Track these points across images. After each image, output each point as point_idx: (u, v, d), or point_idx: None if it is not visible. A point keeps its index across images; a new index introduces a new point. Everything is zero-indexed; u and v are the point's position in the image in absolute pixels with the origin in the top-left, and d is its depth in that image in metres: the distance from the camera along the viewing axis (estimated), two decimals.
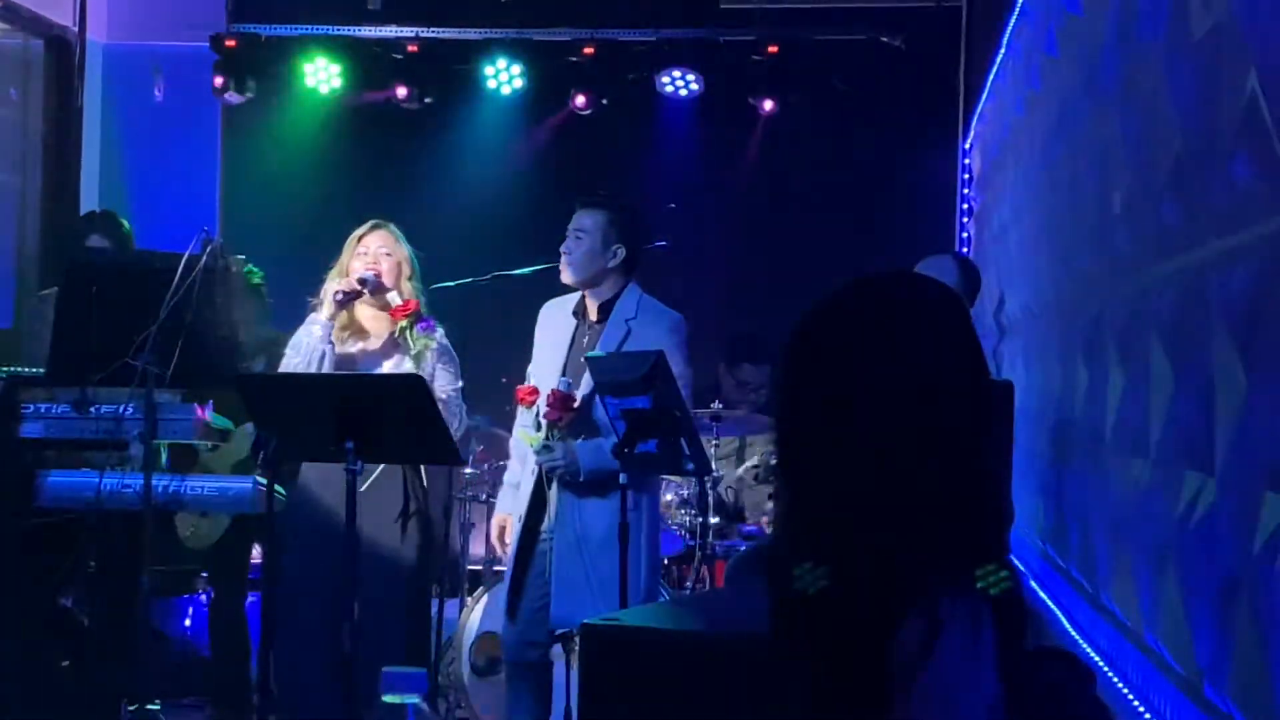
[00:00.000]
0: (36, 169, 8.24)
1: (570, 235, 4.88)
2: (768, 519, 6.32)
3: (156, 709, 4.75)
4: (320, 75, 8.31)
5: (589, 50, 8.12)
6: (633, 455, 4.38)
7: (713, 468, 5.90)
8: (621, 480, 4.48)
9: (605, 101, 8.16)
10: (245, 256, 5.54)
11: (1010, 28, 5.89)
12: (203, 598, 6.29)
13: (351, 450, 4.19)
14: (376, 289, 4.86)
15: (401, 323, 4.86)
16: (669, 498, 6.17)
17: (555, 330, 4.97)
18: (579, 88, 8.12)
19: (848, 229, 7.91)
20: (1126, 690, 3.17)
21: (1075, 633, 3.89)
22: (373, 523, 4.69)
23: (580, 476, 4.73)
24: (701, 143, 8.30)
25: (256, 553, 5.95)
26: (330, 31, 8.33)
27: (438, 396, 4.61)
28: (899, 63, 7.99)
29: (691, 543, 6.07)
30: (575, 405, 4.76)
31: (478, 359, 5.32)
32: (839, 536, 1.62)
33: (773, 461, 6.44)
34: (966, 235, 7.90)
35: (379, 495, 4.78)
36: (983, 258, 6.95)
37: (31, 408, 4.92)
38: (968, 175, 7.99)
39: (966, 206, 7.98)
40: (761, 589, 1.68)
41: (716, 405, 6.22)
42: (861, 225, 7.92)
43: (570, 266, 4.86)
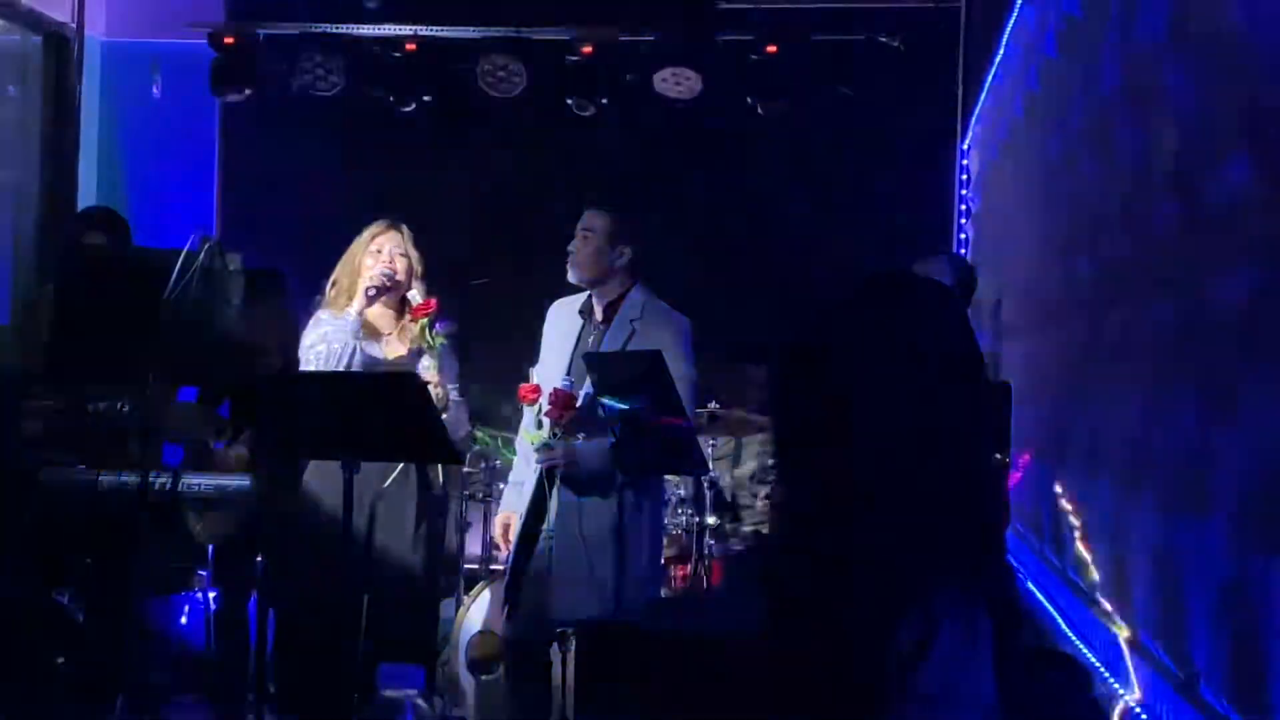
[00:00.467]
0: (34, 166, 8.22)
1: (578, 234, 4.89)
2: (765, 519, 6.31)
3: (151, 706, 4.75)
4: (318, 73, 8.29)
5: (587, 50, 8.12)
6: (630, 455, 4.37)
7: (710, 468, 5.90)
8: (618, 480, 4.48)
9: (604, 101, 8.15)
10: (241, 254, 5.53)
11: (1009, 28, 5.88)
12: (199, 595, 6.27)
13: (350, 449, 4.19)
14: (396, 287, 4.89)
15: (423, 320, 4.87)
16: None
17: (561, 329, 4.97)
18: (577, 87, 8.11)
19: (845, 229, 7.89)
20: (1122, 691, 3.17)
21: (1072, 634, 3.88)
22: (390, 522, 4.79)
23: (581, 475, 4.73)
24: (699, 143, 8.29)
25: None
26: (328, 29, 8.32)
27: (454, 398, 4.75)
28: (897, 63, 7.97)
29: (689, 542, 6.06)
30: (577, 404, 4.76)
31: (478, 359, 5.32)
32: (837, 536, 1.62)
33: (770, 462, 6.43)
34: (964, 236, 7.89)
35: (398, 495, 4.84)
36: (981, 258, 6.95)
37: (29, 405, 4.92)
38: (966, 176, 7.98)
39: (965, 207, 7.97)
40: (759, 589, 1.67)
41: (714, 405, 6.22)
42: (859, 226, 7.91)
43: (577, 265, 4.87)
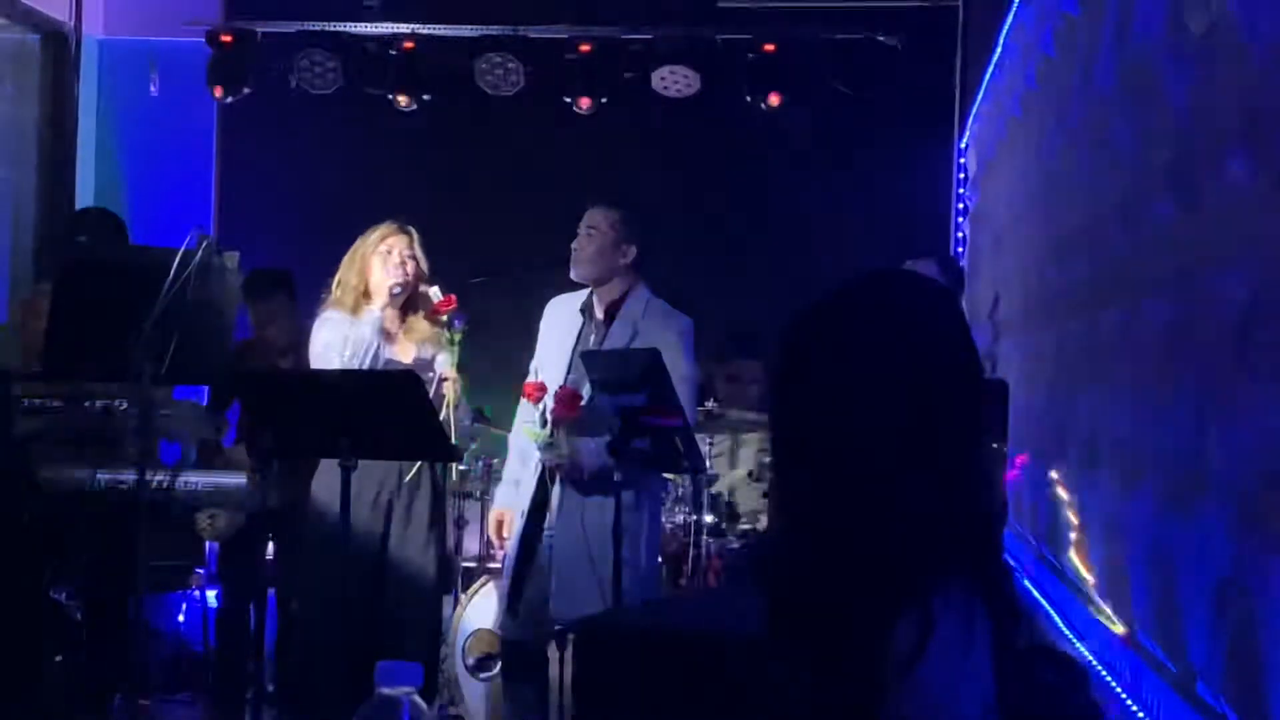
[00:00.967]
0: (31, 164, 8.21)
1: (582, 232, 4.88)
2: (762, 517, 6.31)
3: (147, 704, 4.75)
4: (316, 71, 8.28)
5: (585, 48, 8.11)
6: (627, 453, 4.38)
7: (708, 465, 5.89)
8: (616, 478, 4.48)
9: (603, 100, 8.15)
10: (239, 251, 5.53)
11: (1007, 27, 5.88)
12: (196, 594, 6.28)
13: (348, 447, 4.20)
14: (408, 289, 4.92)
15: (443, 318, 4.88)
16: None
17: (561, 327, 4.95)
18: (575, 86, 8.11)
19: (842, 227, 7.90)
20: (1120, 689, 3.17)
21: (1069, 632, 3.88)
22: (407, 519, 4.83)
23: (584, 474, 4.73)
24: (697, 141, 8.29)
25: (270, 549, 5.93)
26: (326, 28, 8.31)
27: (462, 399, 4.80)
28: (895, 62, 7.98)
29: (686, 541, 6.06)
30: (583, 403, 4.76)
31: (475, 357, 5.31)
32: (834, 534, 1.62)
33: (767, 460, 6.43)
34: (961, 235, 7.89)
35: (415, 493, 4.86)
36: (977, 257, 6.96)
37: (26, 403, 4.92)
38: (963, 174, 7.99)
39: (962, 206, 7.98)
40: (757, 588, 1.67)
41: (711, 404, 6.21)
42: (856, 224, 7.91)
43: (580, 263, 4.85)
